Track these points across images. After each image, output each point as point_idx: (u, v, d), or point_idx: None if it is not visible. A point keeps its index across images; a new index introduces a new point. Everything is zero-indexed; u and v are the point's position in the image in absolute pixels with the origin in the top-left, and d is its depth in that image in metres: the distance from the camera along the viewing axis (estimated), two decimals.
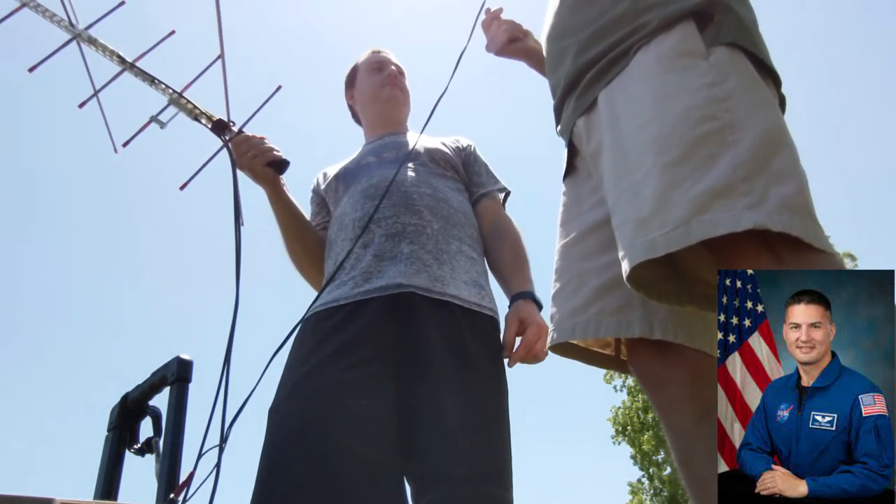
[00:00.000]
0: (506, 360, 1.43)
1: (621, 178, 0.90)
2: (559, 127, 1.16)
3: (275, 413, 1.27)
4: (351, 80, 1.89)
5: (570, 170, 1.15)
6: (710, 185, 0.79)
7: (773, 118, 0.87)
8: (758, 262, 0.78)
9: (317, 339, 1.35)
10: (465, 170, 1.71)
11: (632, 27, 0.98)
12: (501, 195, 1.72)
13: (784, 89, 0.99)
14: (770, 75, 0.96)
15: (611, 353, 1.09)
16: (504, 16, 1.49)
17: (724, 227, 0.76)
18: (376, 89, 1.80)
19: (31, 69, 1.49)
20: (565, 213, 1.14)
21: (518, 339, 1.44)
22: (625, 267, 0.85)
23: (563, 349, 1.08)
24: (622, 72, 0.97)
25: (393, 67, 1.82)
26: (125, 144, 1.56)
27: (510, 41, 1.45)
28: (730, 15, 0.94)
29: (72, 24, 1.52)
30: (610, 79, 0.99)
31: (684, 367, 0.95)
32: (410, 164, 1.60)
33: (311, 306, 1.39)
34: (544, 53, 1.20)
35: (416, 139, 1.68)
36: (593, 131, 1.01)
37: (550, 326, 1.08)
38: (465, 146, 1.77)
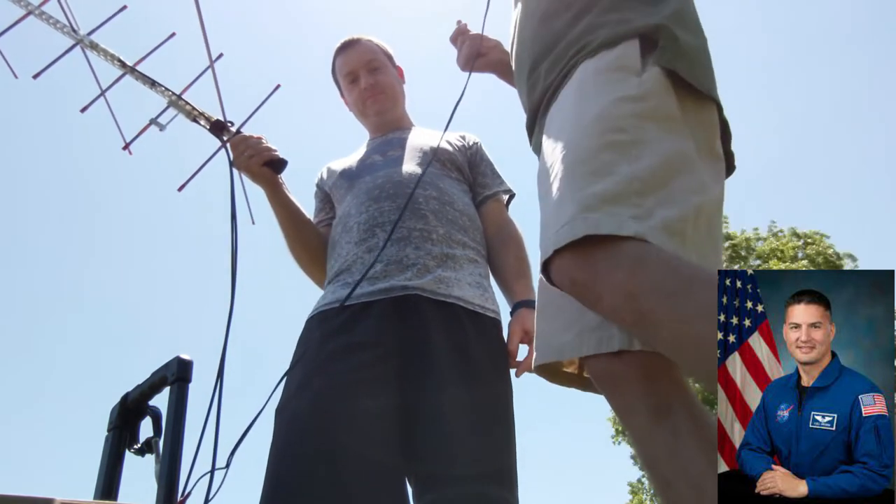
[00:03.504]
0: (512, 370, 1.44)
1: (543, 181, 0.93)
2: (532, 145, 1.18)
3: (281, 413, 1.27)
4: (337, 85, 1.86)
5: None
6: (602, 189, 0.82)
7: (678, 147, 0.89)
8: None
9: (321, 339, 1.35)
10: (469, 169, 1.70)
11: (580, 45, 1.02)
12: (506, 197, 1.72)
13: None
14: (710, 102, 0.98)
15: (574, 370, 1.07)
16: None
17: (606, 227, 0.78)
18: (360, 107, 1.79)
19: (36, 76, 1.48)
20: None
21: (522, 347, 1.44)
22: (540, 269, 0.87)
23: (539, 369, 1.07)
24: (566, 86, 1.00)
25: (366, 78, 1.76)
26: (125, 147, 1.56)
27: (475, 56, 1.45)
28: (674, 43, 0.96)
29: (74, 30, 1.52)
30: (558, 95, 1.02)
31: (635, 364, 0.91)
32: (415, 164, 1.59)
33: (314, 309, 1.39)
34: (514, 77, 1.22)
35: (423, 139, 1.66)
36: None
37: (534, 346, 1.07)
38: (470, 144, 1.75)
